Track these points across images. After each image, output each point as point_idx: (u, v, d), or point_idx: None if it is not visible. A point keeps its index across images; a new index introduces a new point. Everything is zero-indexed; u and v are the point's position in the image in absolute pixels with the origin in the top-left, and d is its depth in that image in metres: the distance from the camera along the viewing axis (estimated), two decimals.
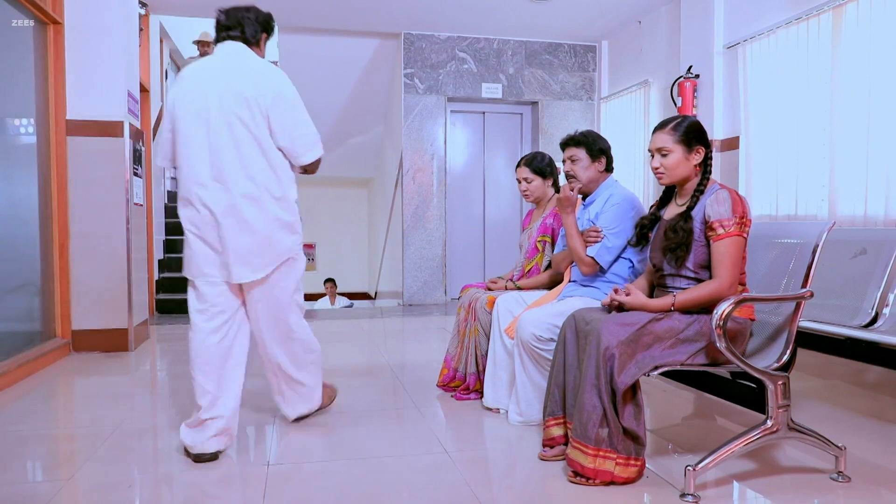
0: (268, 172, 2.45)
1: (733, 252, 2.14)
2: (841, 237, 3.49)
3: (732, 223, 2.14)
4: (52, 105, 4.32)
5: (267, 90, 2.42)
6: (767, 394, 2.12)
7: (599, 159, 2.94)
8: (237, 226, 2.41)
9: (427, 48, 6.97)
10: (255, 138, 2.41)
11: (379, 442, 2.67)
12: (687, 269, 2.25)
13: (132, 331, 4.54)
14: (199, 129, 2.40)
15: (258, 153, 2.43)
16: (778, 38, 4.65)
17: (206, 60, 2.55)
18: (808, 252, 2.23)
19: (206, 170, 2.40)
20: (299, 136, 2.50)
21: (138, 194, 4.78)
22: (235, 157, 2.40)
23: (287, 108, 2.46)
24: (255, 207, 2.42)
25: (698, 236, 2.22)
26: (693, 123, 2.32)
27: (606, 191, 2.95)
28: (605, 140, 2.99)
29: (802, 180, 4.47)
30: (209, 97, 2.40)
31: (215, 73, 2.46)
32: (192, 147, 2.41)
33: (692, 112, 5.50)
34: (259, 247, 2.44)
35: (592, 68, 7.38)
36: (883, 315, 3.00)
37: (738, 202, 2.17)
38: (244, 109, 2.39)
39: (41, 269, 4.25)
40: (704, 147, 2.31)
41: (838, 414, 3.02)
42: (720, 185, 2.26)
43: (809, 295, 2.12)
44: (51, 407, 3.38)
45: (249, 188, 2.41)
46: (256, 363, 2.86)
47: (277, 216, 2.47)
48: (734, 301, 2.02)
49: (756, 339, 2.30)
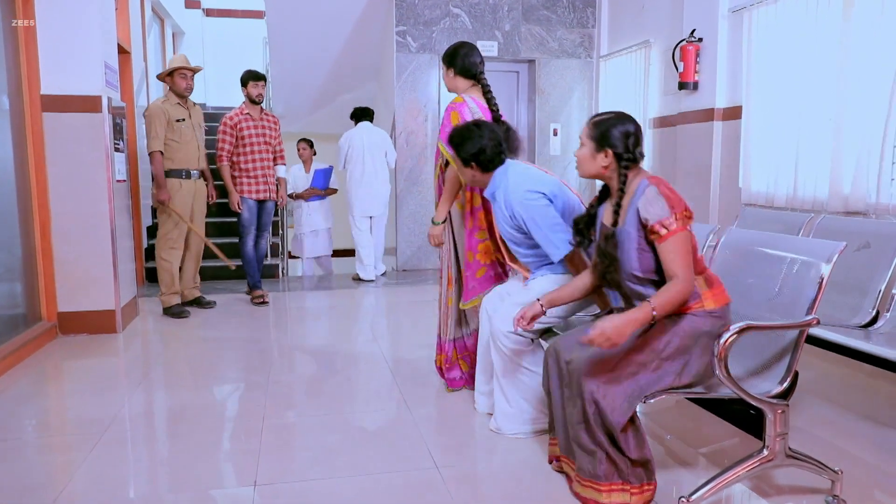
0: None
1: (682, 249, 2.03)
2: (843, 227, 3.39)
3: (673, 220, 2.02)
4: (25, 79, 4.12)
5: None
6: (766, 421, 2.06)
7: (470, 165, 2.74)
8: None
9: (420, 4, 6.68)
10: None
11: (367, 454, 2.63)
12: (634, 277, 2.14)
13: (119, 312, 4.47)
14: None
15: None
16: (786, 4, 4.43)
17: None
18: (817, 274, 2.12)
19: None
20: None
21: (120, 170, 4.63)
22: None
23: None
24: None
25: (638, 244, 2.09)
26: (610, 124, 2.14)
27: (497, 188, 2.72)
28: (476, 141, 2.69)
29: (803, 158, 4.33)
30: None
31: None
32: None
33: (693, 78, 5.31)
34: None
35: (592, 24, 7.10)
36: (884, 316, 2.92)
37: (672, 196, 2.05)
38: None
39: (23, 251, 4.14)
40: (615, 153, 2.13)
41: (835, 416, 2.98)
42: (649, 180, 2.11)
43: (816, 322, 2.03)
44: (38, 403, 3.32)
45: None
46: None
47: None
48: (737, 330, 1.94)
49: (753, 359, 2.22)
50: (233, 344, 4.26)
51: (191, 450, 2.66)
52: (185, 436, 2.82)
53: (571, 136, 7.16)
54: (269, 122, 5.36)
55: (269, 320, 4.92)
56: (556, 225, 2.58)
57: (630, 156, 2.12)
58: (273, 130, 5.38)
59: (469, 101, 3.15)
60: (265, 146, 5.27)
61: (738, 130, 4.93)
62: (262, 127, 5.27)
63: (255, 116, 5.24)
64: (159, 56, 8.47)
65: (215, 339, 4.38)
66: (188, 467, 2.50)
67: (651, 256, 2.09)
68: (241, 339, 4.37)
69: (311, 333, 4.73)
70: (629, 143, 2.12)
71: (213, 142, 5.47)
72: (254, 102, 5.21)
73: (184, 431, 2.87)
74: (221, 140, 5.16)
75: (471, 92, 3.21)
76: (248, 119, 5.20)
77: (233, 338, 4.40)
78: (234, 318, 4.95)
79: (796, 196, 4.37)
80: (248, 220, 5.26)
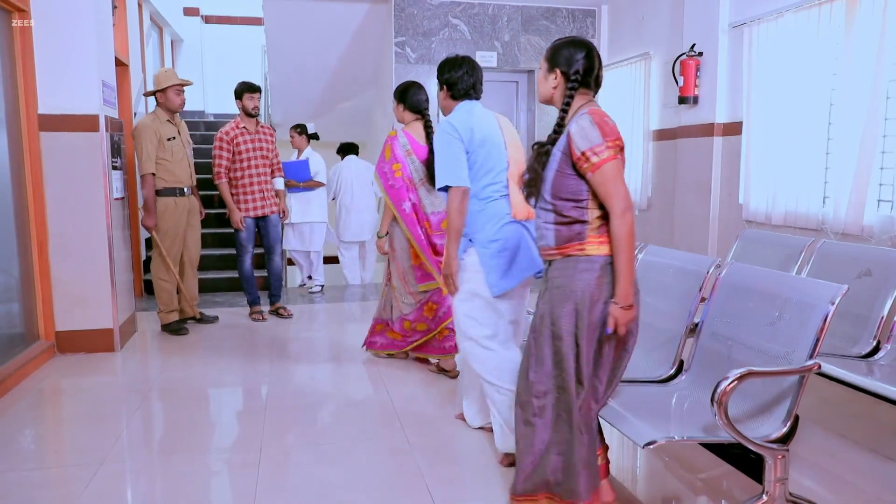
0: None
1: (614, 177, 2.02)
2: (844, 252, 3.38)
3: (604, 148, 2.00)
4: (23, 99, 4.10)
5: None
6: (765, 466, 2.05)
7: (442, 88, 3.05)
8: None
9: (419, 14, 6.66)
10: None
11: (365, 490, 2.61)
12: (544, 199, 2.16)
13: (117, 330, 4.45)
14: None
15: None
16: (786, 21, 4.41)
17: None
18: (819, 317, 2.10)
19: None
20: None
21: (118, 188, 4.61)
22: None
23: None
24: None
25: (559, 166, 2.10)
26: (561, 45, 2.18)
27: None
28: (455, 71, 2.98)
29: (804, 176, 4.32)
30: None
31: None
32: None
33: (693, 92, 5.30)
34: None
35: (591, 34, 7.08)
36: (885, 347, 2.91)
37: (605, 124, 2.03)
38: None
39: (20, 270, 4.13)
40: (564, 74, 2.15)
41: (835, 445, 2.97)
42: (590, 109, 2.09)
43: (817, 368, 2.02)
44: (35, 430, 3.31)
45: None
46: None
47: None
48: (737, 376, 1.92)
49: (751, 400, 2.21)
50: (230, 365, 4.24)
51: (186, 486, 2.65)
52: (181, 470, 2.80)
53: None
54: (266, 135, 5.23)
55: (267, 338, 4.89)
56: (454, 159, 2.74)
57: (576, 77, 2.13)
58: (269, 143, 5.24)
59: (401, 136, 3.82)
60: (262, 160, 5.15)
61: (738, 146, 4.91)
62: (258, 140, 5.14)
63: (251, 130, 5.11)
64: (158, 65, 8.45)
65: (213, 360, 4.35)
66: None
67: (567, 182, 2.09)
68: (239, 359, 4.35)
69: (308, 351, 4.71)
70: (578, 66, 2.13)
71: (200, 153, 5.39)
72: (249, 115, 5.09)
73: (180, 465, 2.85)
74: (218, 156, 5.02)
75: (412, 125, 3.86)
76: (245, 133, 5.07)
77: (230, 358, 4.37)
78: (233, 336, 4.92)
79: (797, 214, 4.36)
80: (246, 238, 5.19)
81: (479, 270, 2.73)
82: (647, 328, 2.90)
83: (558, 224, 2.13)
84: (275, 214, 5.31)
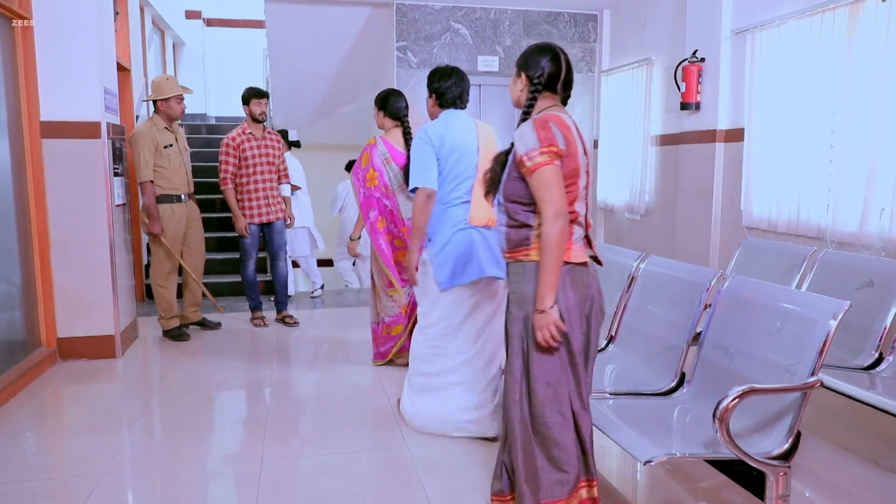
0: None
1: (545, 184, 2.03)
2: (846, 262, 3.37)
3: (538, 153, 2.03)
4: (25, 107, 4.10)
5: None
6: (767, 483, 2.04)
7: (431, 95, 3.24)
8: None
9: (420, 19, 6.65)
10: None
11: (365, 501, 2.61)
12: (499, 202, 2.21)
13: (118, 336, 4.46)
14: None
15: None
16: (789, 29, 4.40)
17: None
18: (821, 333, 2.09)
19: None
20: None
21: (119, 195, 4.61)
22: None
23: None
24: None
25: (510, 170, 2.15)
26: (530, 50, 2.24)
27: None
28: (444, 81, 3.18)
29: (806, 184, 4.31)
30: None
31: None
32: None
33: (695, 98, 5.29)
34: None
35: (593, 38, 7.07)
36: (887, 359, 2.90)
37: (545, 130, 2.05)
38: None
39: (22, 277, 4.13)
40: (528, 78, 2.21)
41: (837, 457, 2.96)
42: (543, 115, 2.12)
43: (819, 384, 2.01)
44: (36, 440, 3.31)
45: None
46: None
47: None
48: (738, 394, 1.92)
49: (753, 415, 2.20)
50: (231, 372, 4.24)
51: (187, 497, 2.65)
52: (182, 480, 2.81)
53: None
54: (272, 141, 5.20)
55: (268, 344, 4.90)
56: (424, 163, 3.02)
57: (539, 81, 2.18)
58: (276, 149, 5.22)
59: (380, 144, 3.95)
60: (269, 166, 5.13)
61: (740, 153, 4.90)
62: (265, 146, 5.12)
63: (257, 136, 5.09)
64: (160, 70, 8.45)
65: (214, 367, 4.35)
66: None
67: (515, 185, 2.13)
68: (240, 366, 4.35)
69: (310, 358, 4.70)
70: (542, 70, 2.18)
71: (202, 157, 5.37)
72: (256, 121, 5.07)
73: (181, 476, 2.85)
74: (224, 162, 5.00)
75: (392, 132, 3.99)
76: (251, 139, 5.05)
77: (232, 364, 4.38)
78: (234, 341, 4.93)
79: (799, 222, 4.35)
80: (250, 244, 5.19)
81: (431, 266, 3.07)
82: (648, 339, 2.91)
83: (509, 227, 2.19)
84: (280, 221, 5.28)
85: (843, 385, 2.64)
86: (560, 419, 2.13)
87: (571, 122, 2.16)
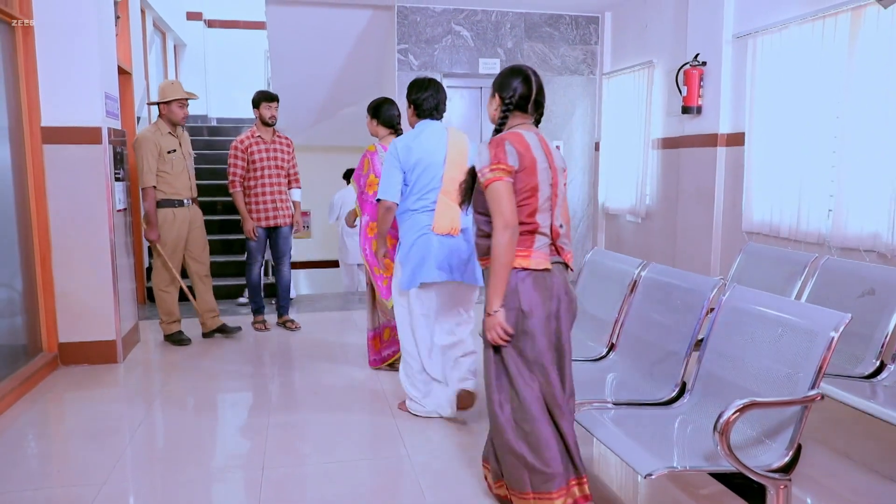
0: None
1: (494, 198, 2.20)
2: (847, 269, 3.37)
3: (488, 169, 2.21)
4: (26, 112, 4.11)
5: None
6: (767, 495, 2.04)
7: (410, 106, 3.38)
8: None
9: (422, 21, 6.65)
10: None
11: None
12: (472, 213, 2.41)
13: (120, 341, 4.46)
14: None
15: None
16: (791, 34, 4.40)
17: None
18: (822, 345, 2.09)
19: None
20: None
21: (121, 199, 4.61)
22: None
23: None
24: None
25: (476, 183, 2.32)
26: (504, 72, 2.40)
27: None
28: (423, 93, 3.32)
29: (807, 190, 4.31)
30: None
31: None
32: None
33: (697, 102, 5.28)
34: None
35: (595, 41, 7.07)
36: (888, 368, 2.90)
37: (498, 148, 2.22)
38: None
39: (23, 282, 4.14)
40: (501, 98, 2.36)
41: (837, 465, 2.95)
42: (501, 135, 2.29)
43: (820, 398, 2.01)
44: (38, 447, 3.32)
45: None
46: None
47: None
48: (739, 407, 1.92)
49: (753, 427, 2.20)
50: (232, 377, 4.25)
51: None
52: (183, 488, 2.81)
53: (574, 153, 7.14)
54: (282, 145, 5.18)
55: (269, 349, 4.90)
56: (388, 177, 3.26)
57: (509, 102, 2.33)
58: (286, 153, 5.19)
59: (380, 150, 3.98)
60: (277, 170, 5.11)
61: (741, 157, 4.90)
62: (274, 150, 5.10)
63: (266, 139, 5.07)
64: (161, 71, 8.44)
65: (215, 372, 4.35)
66: None
67: (480, 198, 2.31)
68: (241, 371, 4.35)
69: (311, 363, 4.70)
70: (513, 91, 2.33)
71: (204, 159, 5.37)
72: (266, 124, 5.06)
73: (182, 483, 2.86)
74: (233, 165, 5.00)
75: (387, 139, 3.97)
76: (260, 142, 5.04)
77: (232, 369, 4.38)
78: (235, 345, 4.92)
79: (799, 228, 4.35)
80: (256, 248, 5.18)
81: (399, 266, 3.38)
82: (649, 347, 2.91)
83: (479, 237, 2.37)
84: (287, 227, 5.26)
85: (845, 395, 2.63)
86: (533, 415, 2.27)
87: (537, 139, 2.30)
